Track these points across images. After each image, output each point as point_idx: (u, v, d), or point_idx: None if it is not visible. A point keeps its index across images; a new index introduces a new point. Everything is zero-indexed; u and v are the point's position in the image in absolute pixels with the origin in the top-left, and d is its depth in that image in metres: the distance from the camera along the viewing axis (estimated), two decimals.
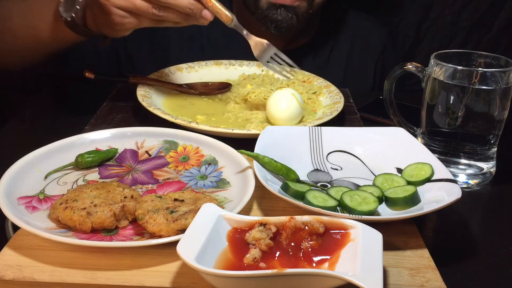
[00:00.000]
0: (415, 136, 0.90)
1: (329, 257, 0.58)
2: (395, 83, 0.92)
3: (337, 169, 0.81)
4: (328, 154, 0.83)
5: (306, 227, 0.60)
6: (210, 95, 1.11)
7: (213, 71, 1.20)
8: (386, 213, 0.70)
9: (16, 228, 0.64)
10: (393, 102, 0.93)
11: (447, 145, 0.85)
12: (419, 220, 0.71)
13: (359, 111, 1.09)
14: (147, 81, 1.06)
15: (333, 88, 1.12)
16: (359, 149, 0.84)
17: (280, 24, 1.20)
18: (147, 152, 0.83)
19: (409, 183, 0.74)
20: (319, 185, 0.77)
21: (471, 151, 0.85)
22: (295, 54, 1.35)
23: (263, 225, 0.60)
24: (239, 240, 0.60)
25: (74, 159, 0.77)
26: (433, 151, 0.81)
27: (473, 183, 0.85)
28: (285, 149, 0.80)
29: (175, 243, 0.56)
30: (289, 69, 1.03)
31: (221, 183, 0.76)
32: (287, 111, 0.95)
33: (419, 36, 1.56)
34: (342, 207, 0.68)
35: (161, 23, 0.94)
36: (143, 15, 0.90)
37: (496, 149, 0.86)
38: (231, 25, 0.95)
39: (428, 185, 0.73)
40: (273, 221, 0.60)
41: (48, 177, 0.74)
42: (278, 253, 0.59)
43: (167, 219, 0.62)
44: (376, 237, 0.59)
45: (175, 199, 0.67)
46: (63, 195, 0.68)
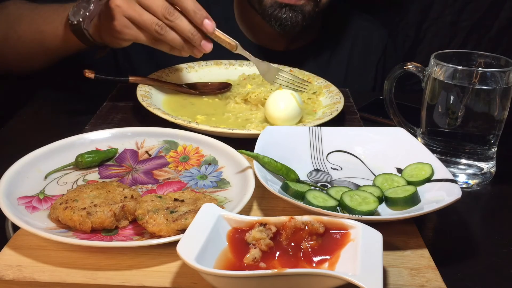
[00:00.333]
0: (415, 136, 0.90)
1: (329, 257, 0.58)
2: (395, 83, 0.92)
3: (337, 169, 0.81)
4: (328, 154, 0.83)
5: (306, 227, 0.60)
6: (210, 95, 1.11)
7: (213, 71, 1.20)
8: (386, 213, 0.70)
9: (16, 228, 0.64)
10: (393, 102, 0.93)
11: (447, 145, 0.85)
12: (419, 220, 0.71)
13: (359, 111, 1.09)
14: (147, 81, 1.06)
15: (333, 88, 1.12)
16: (359, 149, 0.84)
17: (284, 22, 1.20)
18: (147, 152, 0.83)
19: (409, 183, 0.74)
20: (319, 185, 0.77)
21: (471, 151, 0.85)
22: (296, 54, 1.36)
23: (263, 225, 0.60)
24: (239, 240, 0.60)
25: (74, 159, 0.77)
26: (433, 151, 0.81)
27: (473, 183, 0.85)
28: (285, 149, 0.80)
29: (175, 243, 0.56)
30: (299, 81, 1.03)
31: (221, 183, 0.76)
32: (285, 111, 0.94)
33: (419, 36, 1.56)
34: (342, 207, 0.68)
35: (158, 44, 0.96)
36: (145, 30, 0.93)
37: (496, 149, 0.86)
38: (236, 52, 0.98)
39: (428, 185, 0.73)
40: (273, 221, 0.60)
41: (48, 177, 0.74)
42: (278, 253, 0.59)
43: (167, 219, 0.62)
44: (376, 237, 0.59)
45: (175, 199, 0.67)
46: (63, 195, 0.68)
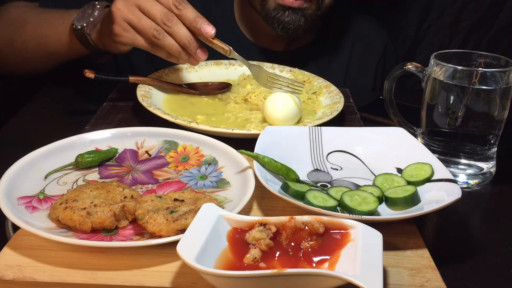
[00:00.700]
0: (415, 136, 0.90)
1: (329, 257, 0.58)
2: (395, 83, 0.92)
3: (337, 169, 0.81)
4: (328, 154, 0.83)
5: (306, 227, 0.60)
6: (210, 95, 1.11)
7: (213, 71, 1.20)
8: (386, 213, 0.70)
9: (16, 228, 0.64)
10: (393, 102, 0.93)
11: (447, 145, 0.85)
12: (419, 220, 0.71)
13: (359, 111, 1.09)
14: (147, 81, 1.07)
15: (333, 88, 1.12)
16: (359, 149, 0.84)
17: (287, 26, 1.20)
18: (147, 152, 0.83)
19: (409, 183, 0.74)
20: (319, 185, 0.77)
21: (471, 151, 0.85)
22: (296, 54, 1.36)
23: (263, 225, 0.60)
24: (239, 240, 0.60)
25: (74, 159, 0.77)
26: (433, 151, 0.81)
27: (473, 183, 0.85)
28: (285, 149, 0.80)
29: (175, 243, 0.56)
30: (291, 82, 1.02)
31: (221, 183, 0.76)
32: (283, 111, 0.95)
33: (419, 36, 1.56)
34: (342, 207, 0.68)
35: (156, 49, 0.98)
36: (143, 34, 0.95)
37: (496, 149, 0.86)
38: (229, 56, 1.00)
39: (428, 185, 0.73)
40: (273, 221, 0.60)
41: (48, 177, 0.74)
42: (278, 253, 0.59)
43: (167, 219, 0.62)
44: (376, 237, 0.59)
45: (175, 199, 0.67)
46: (63, 195, 0.68)
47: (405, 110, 0.95)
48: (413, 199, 0.70)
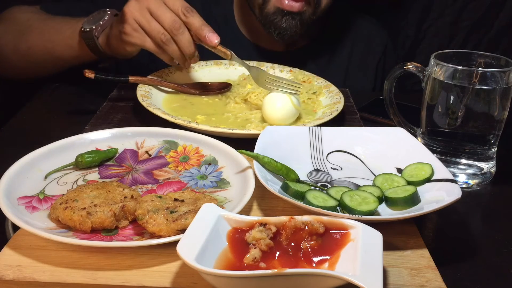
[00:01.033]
0: (415, 136, 0.90)
1: (329, 257, 0.58)
2: (395, 83, 0.92)
3: (337, 169, 0.81)
4: (328, 154, 0.83)
5: (306, 227, 0.60)
6: (210, 95, 1.11)
7: (213, 71, 1.20)
8: (386, 213, 0.70)
9: (16, 228, 0.64)
10: (393, 102, 0.93)
11: (447, 145, 0.85)
12: (419, 220, 0.71)
13: (359, 111, 1.09)
14: (147, 81, 1.07)
15: (333, 88, 1.12)
16: (359, 149, 0.84)
17: (283, 31, 1.20)
18: (147, 152, 0.83)
19: (409, 183, 0.74)
20: (319, 185, 0.77)
21: (471, 151, 0.85)
22: (296, 54, 1.36)
23: (263, 225, 0.60)
24: (239, 240, 0.60)
25: (74, 159, 0.77)
26: (433, 151, 0.81)
27: (473, 183, 0.85)
28: (285, 149, 0.80)
29: (175, 243, 0.56)
30: (289, 83, 1.02)
31: (221, 183, 0.76)
32: (280, 111, 0.95)
33: (419, 36, 1.56)
34: (342, 207, 0.68)
35: (160, 53, 1.01)
36: (151, 36, 0.99)
37: (496, 149, 0.86)
38: (230, 59, 1.03)
39: (428, 185, 0.73)
40: (273, 221, 0.60)
41: (48, 177, 0.74)
42: (278, 253, 0.59)
43: (167, 219, 0.62)
44: (376, 237, 0.59)
45: (175, 199, 0.67)
46: (63, 195, 0.68)
47: (405, 110, 0.95)
48: (413, 199, 0.70)
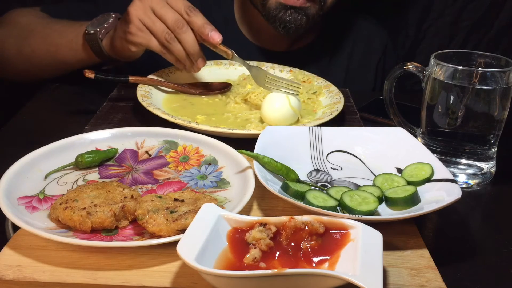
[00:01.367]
0: (415, 136, 0.90)
1: (329, 257, 0.58)
2: (395, 83, 0.92)
3: (337, 169, 0.81)
4: (328, 154, 0.83)
5: (306, 227, 0.60)
6: (210, 95, 1.11)
7: (213, 71, 1.20)
8: (386, 213, 0.70)
9: (16, 228, 0.64)
10: (393, 102, 0.93)
11: (447, 145, 0.85)
12: (419, 220, 0.71)
13: (359, 111, 1.09)
14: (147, 81, 1.07)
15: (333, 88, 1.12)
16: (359, 149, 0.84)
17: (288, 25, 1.20)
18: (147, 152, 0.83)
19: (409, 183, 0.74)
20: (319, 185, 0.77)
21: (471, 151, 0.85)
22: (296, 55, 1.36)
23: (263, 225, 0.60)
24: (239, 240, 0.60)
25: (74, 159, 0.77)
26: (433, 151, 0.81)
27: (473, 183, 0.85)
28: (285, 149, 0.80)
29: (175, 243, 0.56)
30: (289, 83, 1.02)
31: (221, 183, 0.76)
32: (278, 112, 0.95)
33: (419, 36, 1.56)
34: (342, 207, 0.68)
35: (165, 53, 1.02)
36: (156, 36, 0.99)
37: (496, 149, 0.86)
38: (231, 59, 1.04)
39: (428, 185, 0.73)
40: (273, 221, 0.60)
41: (48, 177, 0.74)
42: (278, 253, 0.59)
43: (167, 219, 0.62)
44: (376, 237, 0.59)
45: (175, 199, 0.67)
46: (63, 195, 0.68)
47: (405, 110, 0.95)
48: (413, 199, 0.70)
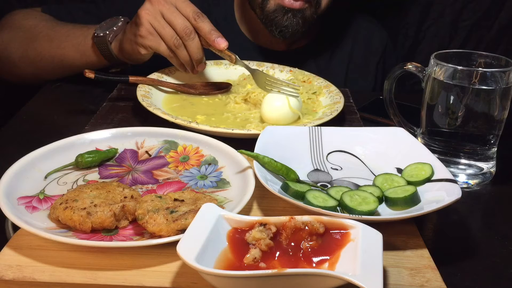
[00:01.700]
0: (415, 136, 0.90)
1: (329, 257, 0.58)
2: (395, 83, 0.92)
3: (337, 169, 0.81)
4: (328, 154, 0.83)
5: (306, 227, 0.60)
6: (210, 95, 1.11)
7: (213, 71, 1.20)
8: (386, 213, 0.70)
9: (16, 228, 0.64)
10: (393, 102, 0.93)
11: (447, 145, 0.85)
12: (419, 220, 0.71)
13: (359, 111, 1.09)
14: (147, 81, 1.07)
15: (333, 88, 1.12)
16: (359, 149, 0.84)
17: (285, 29, 1.20)
18: (147, 152, 0.83)
19: (409, 183, 0.74)
20: (319, 185, 0.77)
21: (471, 151, 0.85)
22: (296, 54, 1.36)
23: (263, 225, 0.60)
24: (239, 240, 0.60)
25: (74, 159, 0.77)
26: (433, 151, 0.81)
27: (473, 183, 0.85)
28: (285, 149, 0.80)
29: (175, 243, 0.56)
30: (288, 84, 1.02)
31: (221, 183, 0.76)
32: (276, 112, 0.96)
33: (419, 36, 1.56)
34: (342, 207, 0.68)
35: (172, 57, 1.05)
36: (165, 41, 1.02)
37: (496, 149, 0.86)
38: (235, 63, 1.05)
39: (428, 185, 0.73)
40: (273, 221, 0.60)
41: (48, 177, 0.74)
42: (278, 253, 0.59)
43: (167, 219, 0.62)
44: (376, 237, 0.59)
45: (175, 199, 0.67)
46: (63, 195, 0.68)
47: (405, 110, 0.95)
48: (413, 199, 0.70)
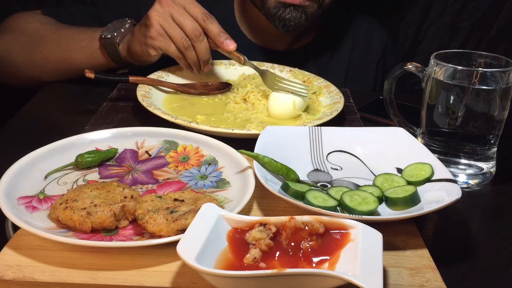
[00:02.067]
0: (415, 136, 0.90)
1: (329, 257, 0.58)
2: (395, 83, 0.92)
3: (337, 169, 0.81)
4: (328, 154, 0.83)
5: (306, 227, 0.60)
6: (210, 95, 1.11)
7: (213, 71, 1.20)
8: (386, 213, 0.70)
9: (16, 228, 0.64)
10: (393, 102, 0.93)
11: (447, 145, 0.85)
12: (419, 220, 0.71)
13: (359, 111, 1.09)
14: (147, 81, 1.07)
15: (333, 88, 1.12)
16: (359, 149, 0.84)
17: (288, 23, 1.21)
18: (147, 152, 0.83)
19: (409, 183, 0.74)
20: (319, 185, 0.77)
21: (471, 151, 0.85)
22: (296, 54, 1.36)
23: (263, 225, 0.60)
24: (239, 240, 0.60)
25: (74, 159, 0.77)
26: (433, 151, 0.81)
27: (473, 183, 0.85)
28: (285, 149, 0.80)
29: (175, 243, 0.56)
30: (297, 85, 1.03)
31: (221, 183, 0.76)
32: (280, 108, 0.99)
33: (419, 36, 1.56)
34: (342, 207, 0.68)
35: (181, 58, 1.06)
36: (174, 42, 1.03)
37: (496, 149, 0.86)
38: (243, 64, 1.06)
39: (428, 185, 0.73)
40: (273, 221, 0.60)
41: (48, 177, 0.74)
42: (278, 253, 0.59)
43: (167, 219, 0.62)
44: (376, 237, 0.59)
45: (175, 199, 0.67)
46: (63, 195, 0.68)
47: (405, 110, 0.95)
48: (413, 199, 0.70)
